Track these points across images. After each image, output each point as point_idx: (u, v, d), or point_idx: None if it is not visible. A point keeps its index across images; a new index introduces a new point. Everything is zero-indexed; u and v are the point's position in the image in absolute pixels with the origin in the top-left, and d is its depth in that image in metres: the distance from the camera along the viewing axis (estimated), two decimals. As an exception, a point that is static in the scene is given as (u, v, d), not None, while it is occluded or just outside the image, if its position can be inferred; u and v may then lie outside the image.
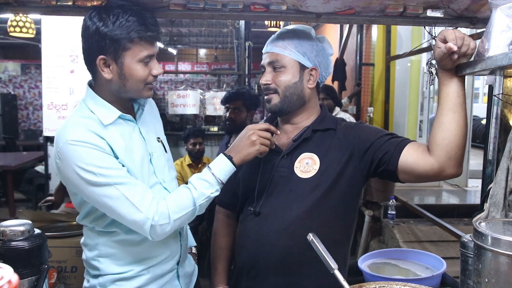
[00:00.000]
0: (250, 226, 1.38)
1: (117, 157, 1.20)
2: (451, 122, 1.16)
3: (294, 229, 1.30)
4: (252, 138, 1.27)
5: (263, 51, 1.43)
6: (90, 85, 1.30)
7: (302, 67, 1.39)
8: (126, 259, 1.29)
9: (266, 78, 1.40)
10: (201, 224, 3.19)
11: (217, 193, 1.27)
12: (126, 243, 1.29)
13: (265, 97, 1.42)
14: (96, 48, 1.19)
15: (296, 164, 1.35)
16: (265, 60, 1.42)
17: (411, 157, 1.23)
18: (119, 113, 1.25)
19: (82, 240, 1.36)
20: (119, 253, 1.29)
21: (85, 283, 1.35)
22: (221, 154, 1.29)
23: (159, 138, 1.40)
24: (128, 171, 1.21)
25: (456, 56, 1.10)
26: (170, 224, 1.20)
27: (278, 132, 1.35)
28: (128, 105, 1.32)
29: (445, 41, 1.10)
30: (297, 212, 1.31)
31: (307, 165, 1.34)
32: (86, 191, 1.17)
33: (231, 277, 1.50)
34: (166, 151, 1.41)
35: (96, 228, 1.29)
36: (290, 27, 1.45)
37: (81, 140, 1.15)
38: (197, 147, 3.82)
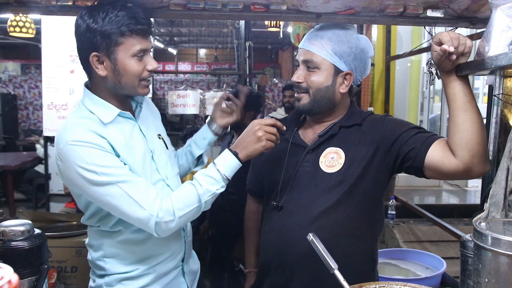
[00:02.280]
0: (275, 222, 1.38)
1: (118, 156, 1.20)
2: (465, 121, 1.15)
3: (320, 224, 1.29)
4: (258, 134, 1.25)
5: (300, 45, 1.39)
6: (87, 86, 1.30)
7: (337, 71, 1.34)
8: (131, 258, 1.30)
9: (298, 75, 1.35)
10: (203, 223, 3.19)
11: (223, 189, 1.26)
12: (131, 242, 1.29)
13: (295, 95, 1.39)
14: (89, 45, 1.19)
15: (321, 159, 1.34)
16: (300, 56, 1.37)
17: (437, 156, 1.20)
18: (118, 111, 1.25)
19: (86, 241, 1.37)
20: (124, 253, 1.29)
21: (91, 283, 1.35)
22: (226, 150, 1.28)
23: (159, 135, 1.40)
24: (130, 169, 1.21)
25: (454, 57, 1.10)
26: (175, 221, 1.20)
27: (284, 127, 1.32)
28: (126, 103, 1.32)
29: (440, 44, 1.10)
30: (323, 207, 1.30)
31: (332, 160, 1.33)
32: (89, 191, 1.17)
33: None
34: (167, 148, 1.42)
35: (102, 228, 1.29)
36: (331, 23, 1.39)
37: (82, 140, 1.15)
38: None
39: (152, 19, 1.31)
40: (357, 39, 1.36)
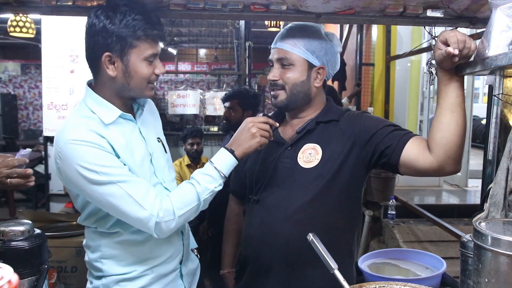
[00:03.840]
0: (255, 216, 1.41)
1: (118, 156, 1.20)
2: (450, 122, 1.17)
3: (298, 218, 1.33)
4: (252, 131, 1.28)
5: (272, 45, 1.43)
6: (90, 85, 1.30)
7: (310, 66, 1.39)
8: (129, 259, 1.29)
9: (274, 74, 1.41)
10: (202, 224, 3.19)
11: (221, 187, 1.28)
12: (129, 243, 1.29)
13: (272, 93, 1.43)
14: (102, 45, 1.19)
15: (300, 154, 1.38)
16: (273, 55, 1.42)
17: (412, 153, 1.24)
18: (119, 112, 1.26)
19: (84, 241, 1.36)
20: (122, 254, 1.29)
21: (88, 285, 1.35)
22: (223, 148, 1.30)
23: (159, 138, 1.40)
24: (129, 170, 1.21)
25: (457, 59, 1.10)
26: (175, 220, 1.21)
27: (277, 124, 1.36)
28: (128, 105, 1.33)
29: (446, 43, 1.10)
30: (300, 202, 1.34)
31: (310, 155, 1.37)
32: (89, 191, 1.17)
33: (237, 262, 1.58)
34: (166, 152, 1.42)
35: (99, 229, 1.29)
36: (300, 22, 1.45)
37: (82, 139, 1.15)
38: (195, 147, 3.81)
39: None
40: (326, 35, 1.42)
